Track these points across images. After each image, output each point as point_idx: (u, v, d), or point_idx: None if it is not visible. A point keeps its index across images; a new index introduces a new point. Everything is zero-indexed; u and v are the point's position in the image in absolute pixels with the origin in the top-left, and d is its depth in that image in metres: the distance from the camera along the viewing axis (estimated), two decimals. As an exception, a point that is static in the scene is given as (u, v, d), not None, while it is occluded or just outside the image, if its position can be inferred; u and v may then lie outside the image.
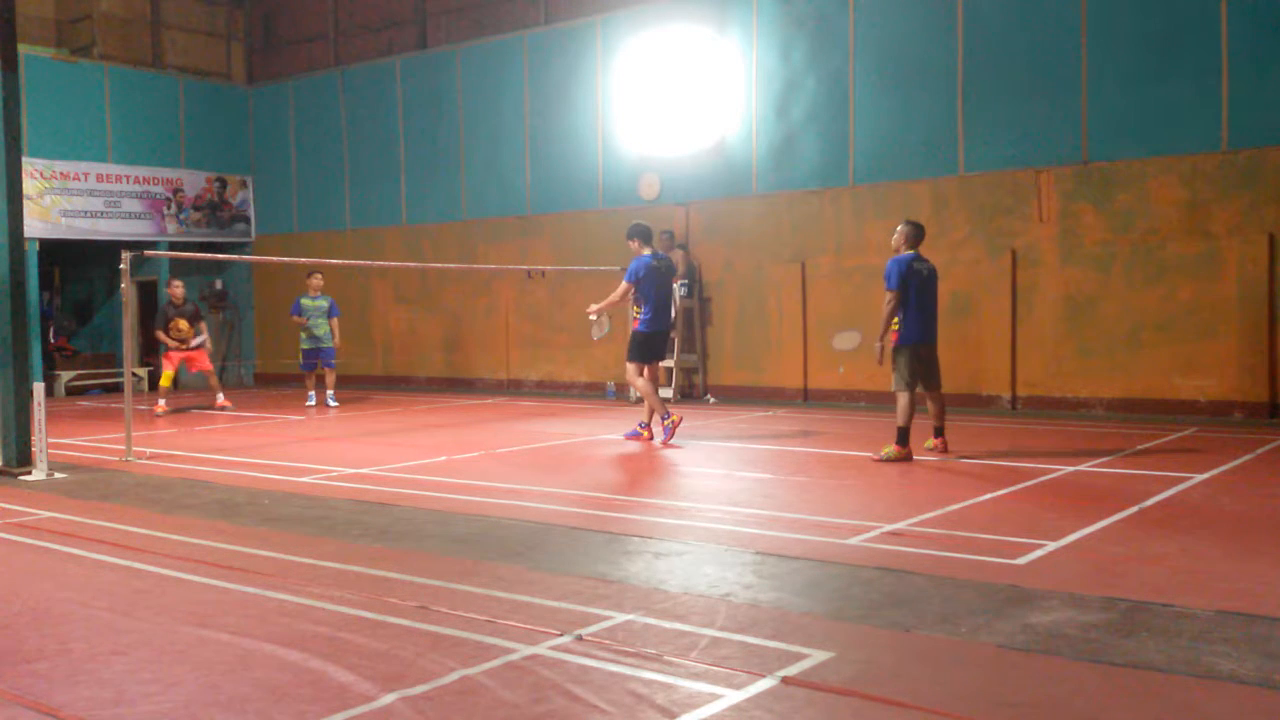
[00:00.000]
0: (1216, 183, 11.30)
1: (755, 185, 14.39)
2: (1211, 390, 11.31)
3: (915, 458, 8.70)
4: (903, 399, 8.68)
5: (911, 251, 8.95)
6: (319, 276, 15.06)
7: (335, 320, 15.06)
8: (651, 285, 10.08)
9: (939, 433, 9.10)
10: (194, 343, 14.53)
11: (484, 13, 17.40)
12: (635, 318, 10.42)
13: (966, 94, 12.76)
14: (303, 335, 14.97)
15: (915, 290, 8.78)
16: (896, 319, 8.79)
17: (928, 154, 13.04)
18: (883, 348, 8.87)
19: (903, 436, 8.61)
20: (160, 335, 14.36)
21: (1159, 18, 11.63)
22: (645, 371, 10.25)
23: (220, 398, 14.77)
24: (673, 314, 10.57)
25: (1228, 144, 11.26)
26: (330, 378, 15.16)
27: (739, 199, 14.50)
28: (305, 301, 14.92)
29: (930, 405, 9.12)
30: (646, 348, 10.21)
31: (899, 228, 9.14)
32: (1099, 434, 10.25)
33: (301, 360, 15.20)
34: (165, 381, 14.34)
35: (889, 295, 8.74)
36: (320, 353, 14.99)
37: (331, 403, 14.92)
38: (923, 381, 8.92)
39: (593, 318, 10.76)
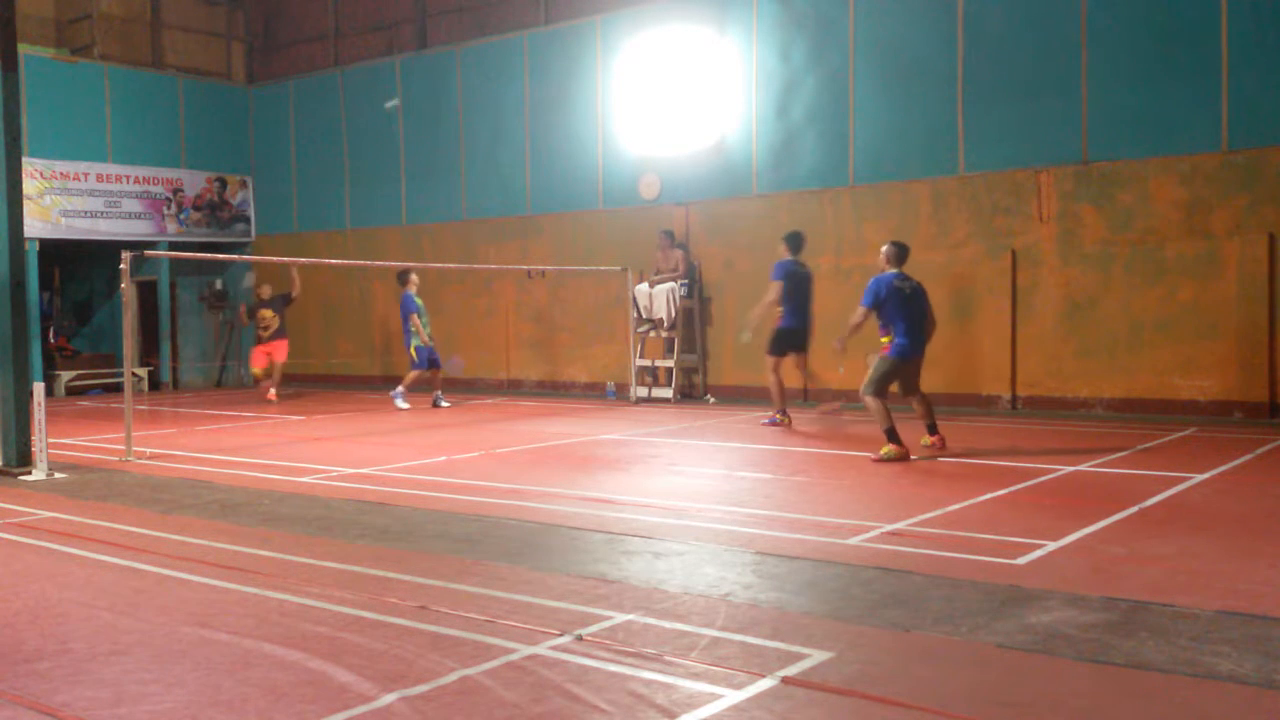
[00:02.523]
0: (1216, 183, 11.30)
1: (755, 185, 14.39)
2: (1211, 390, 11.31)
3: (914, 456, 8.70)
4: (872, 404, 8.86)
5: (894, 270, 9.10)
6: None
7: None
8: (793, 287, 10.96)
9: (933, 429, 9.28)
10: (269, 334, 15.91)
11: (484, 13, 17.40)
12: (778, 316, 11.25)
13: (966, 94, 12.76)
14: (417, 333, 14.35)
15: (898, 306, 8.93)
16: (888, 336, 9.01)
17: (928, 154, 13.04)
18: (843, 346, 9.18)
19: (893, 435, 8.69)
20: (243, 312, 16.45)
21: (1159, 18, 11.63)
22: (778, 365, 11.27)
23: (272, 391, 15.75)
24: (810, 315, 11.35)
25: (1228, 144, 11.26)
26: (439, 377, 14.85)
27: (739, 199, 14.50)
28: (419, 301, 14.52)
29: (916, 406, 9.33)
30: (784, 341, 11.24)
31: (884, 247, 9.32)
32: (1099, 434, 10.25)
33: (418, 359, 14.38)
34: (257, 372, 16.12)
35: (860, 310, 9.04)
36: (433, 350, 14.54)
37: (444, 403, 14.53)
38: (902, 386, 9.19)
39: (747, 335, 12.01)
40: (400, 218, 18.04)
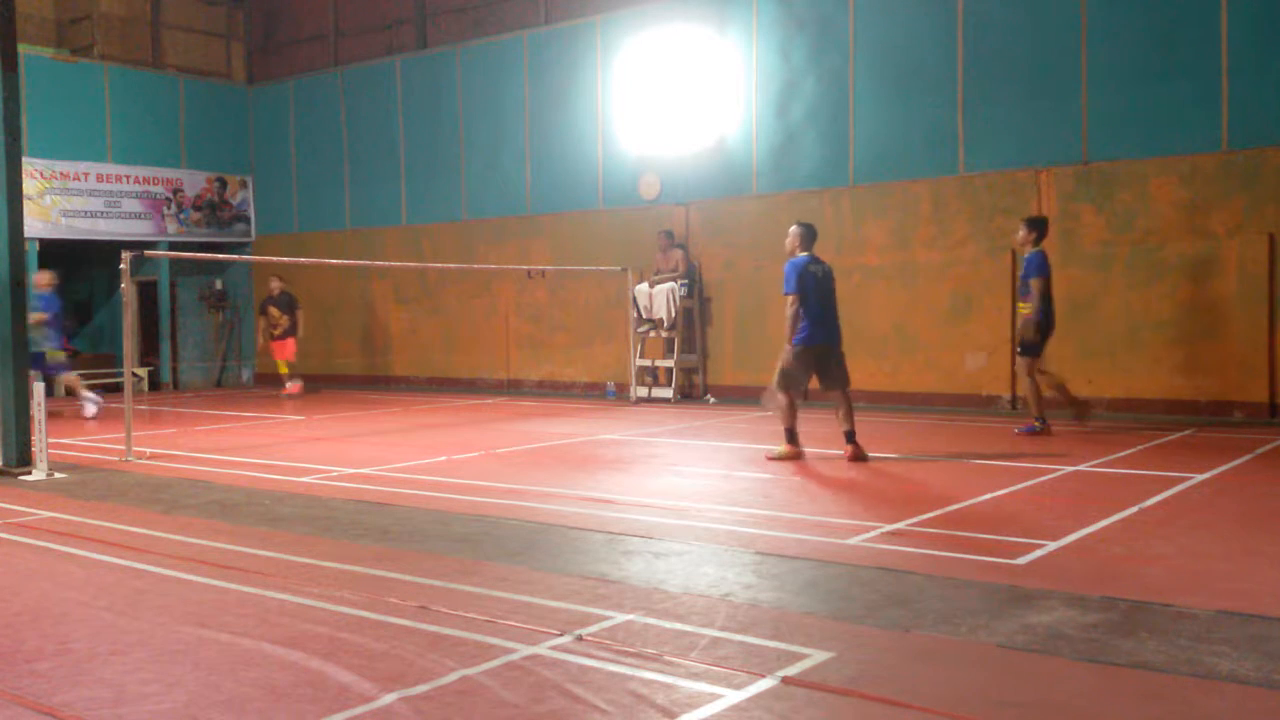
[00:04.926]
0: (1216, 183, 11.30)
1: (755, 185, 14.39)
2: (1211, 390, 11.31)
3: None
4: (780, 399, 8.89)
5: (806, 254, 9.04)
6: (45, 274, 13.53)
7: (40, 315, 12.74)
8: (1047, 280, 10.24)
9: (850, 437, 8.83)
10: (280, 332, 16.50)
11: (484, 13, 17.40)
12: (1029, 310, 10.29)
13: (966, 94, 12.76)
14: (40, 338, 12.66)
15: (811, 291, 8.81)
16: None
17: (928, 154, 13.03)
18: (793, 351, 8.94)
19: (791, 436, 8.85)
20: (261, 320, 16.59)
21: (1159, 18, 11.63)
22: (1034, 366, 10.34)
23: (292, 384, 16.52)
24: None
25: (1228, 144, 11.26)
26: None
27: (739, 199, 14.50)
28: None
29: (840, 408, 8.96)
30: (1041, 342, 10.28)
31: (792, 228, 9.23)
32: (1099, 434, 10.25)
33: (50, 364, 13.14)
34: (283, 369, 16.73)
35: (790, 299, 8.81)
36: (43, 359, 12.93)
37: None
38: (824, 381, 8.96)
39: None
40: (400, 218, 18.04)
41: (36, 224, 16.35)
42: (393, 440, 10.88)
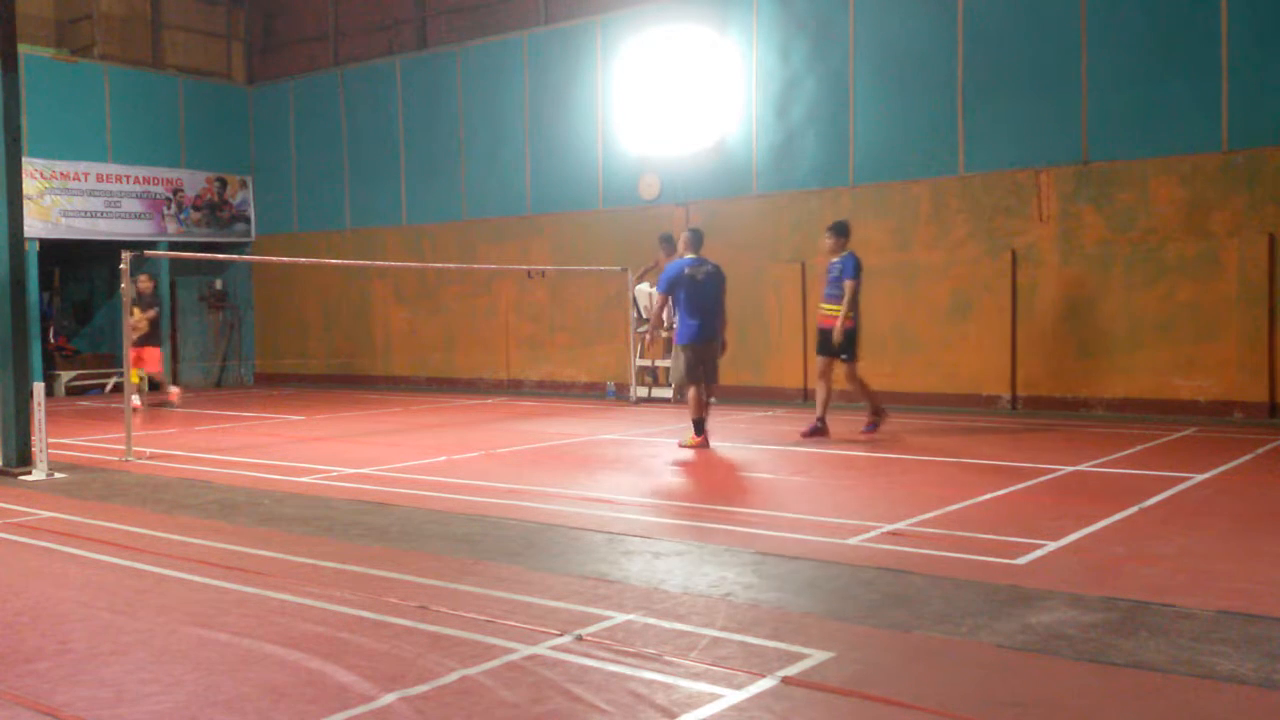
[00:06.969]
0: (1216, 183, 11.30)
1: (755, 185, 14.39)
2: (1211, 390, 11.31)
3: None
4: (689, 392, 9.55)
5: (691, 256, 9.68)
6: None
7: None
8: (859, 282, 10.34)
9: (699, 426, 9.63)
10: (138, 337, 13.66)
11: (484, 13, 17.40)
12: (847, 315, 10.16)
13: (966, 94, 12.76)
14: None
15: (688, 293, 9.51)
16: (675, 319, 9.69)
17: (928, 154, 13.03)
18: (651, 339, 10.13)
19: (699, 426, 9.45)
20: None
21: (1159, 18, 11.63)
22: (842, 371, 10.38)
23: (137, 401, 13.68)
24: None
25: (1228, 144, 11.26)
26: None
27: (739, 199, 14.50)
28: None
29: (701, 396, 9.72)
30: (856, 344, 10.38)
31: (683, 233, 10.02)
32: (1099, 434, 10.25)
33: None
34: (135, 379, 13.35)
35: (658, 297, 9.84)
36: None
37: None
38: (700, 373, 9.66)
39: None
40: (400, 218, 18.04)
41: (36, 224, 16.34)
42: (393, 440, 10.88)
